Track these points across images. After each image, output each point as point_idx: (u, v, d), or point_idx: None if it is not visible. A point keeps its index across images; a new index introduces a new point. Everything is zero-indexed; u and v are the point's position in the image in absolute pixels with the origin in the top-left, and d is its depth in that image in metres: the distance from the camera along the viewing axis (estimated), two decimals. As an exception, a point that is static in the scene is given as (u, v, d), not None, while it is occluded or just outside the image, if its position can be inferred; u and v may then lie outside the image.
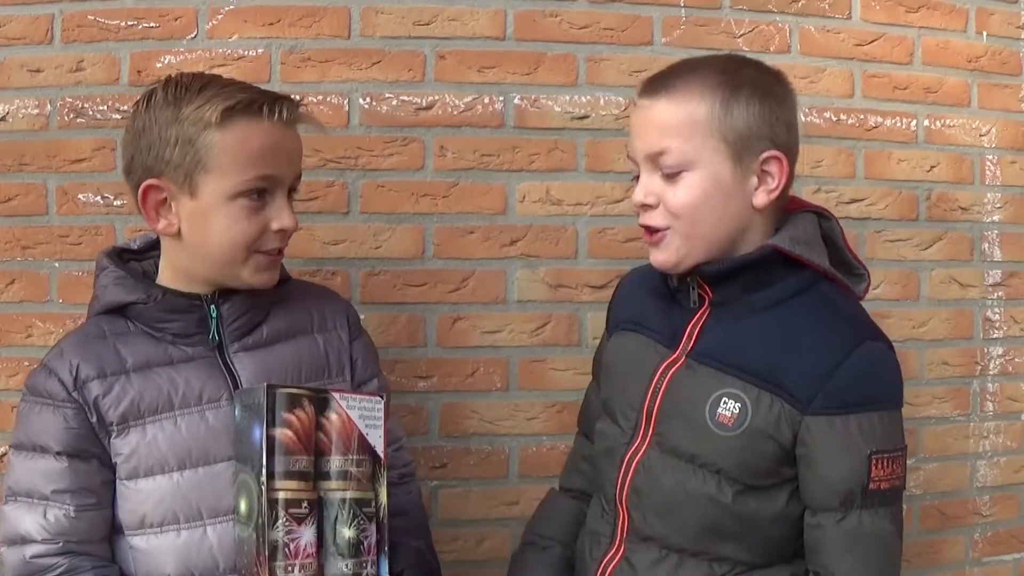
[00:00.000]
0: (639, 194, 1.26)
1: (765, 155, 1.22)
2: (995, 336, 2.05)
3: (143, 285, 1.30)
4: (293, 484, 1.16)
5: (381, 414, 1.25)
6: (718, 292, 1.27)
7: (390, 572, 1.23)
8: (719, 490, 1.22)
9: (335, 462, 1.21)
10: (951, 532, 2.04)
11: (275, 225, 1.27)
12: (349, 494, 1.20)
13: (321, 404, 1.21)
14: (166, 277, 1.33)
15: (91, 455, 1.25)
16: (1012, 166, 2.05)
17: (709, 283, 1.27)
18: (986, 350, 2.04)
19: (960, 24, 2.01)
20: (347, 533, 1.19)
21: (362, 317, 1.79)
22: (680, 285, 1.31)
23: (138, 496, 1.25)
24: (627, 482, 1.29)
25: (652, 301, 1.37)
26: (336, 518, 1.19)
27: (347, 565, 1.19)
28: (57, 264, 1.78)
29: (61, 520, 1.23)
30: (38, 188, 1.77)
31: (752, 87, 1.23)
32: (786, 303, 1.25)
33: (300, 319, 1.41)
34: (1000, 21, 2.03)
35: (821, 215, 1.33)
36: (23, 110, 1.77)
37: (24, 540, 1.23)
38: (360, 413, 1.24)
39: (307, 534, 1.16)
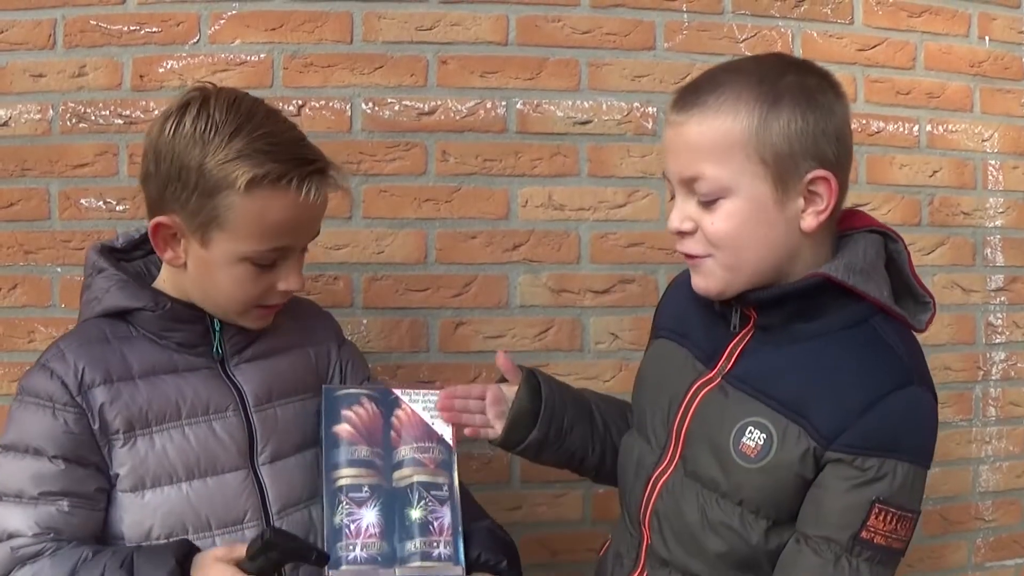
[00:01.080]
0: (675, 220, 1.16)
1: (811, 175, 1.10)
2: (997, 341, 2.04)
3: (150, 292, 1.28)
4: (353, 471, 1.25)
5: None
6: (763, 316, 1.18)
7: (466, 555, 1.26)
8: (743, 524, 1.15)
9: (403, 452, 1.28)
10: (953, 537, 2.04)
11: (281, 286, 1.26)
12: (416, 478, 1.26)
13: (388, 404, 1.31)
14: (168, 287, 1.30)
15: (88, 462, 1.20)
16: (1014, 171, 2.04)
17: (755, 306, 1.18)
18: (988, 355, 2.04)
19: (962, 29, 2.01)
20: (414, 514, 1.24)
21: (364, 322, 1.81)
22: (724, 304, 1.22)
23: (144, 509, 1.22)
24: (651, 503, 1.24)
25: (696, 311, 1.28)
26: (405, 502, 1.25)
27: (415, 544, 1.22)
28: (59, 269, 1.78)
29: (53, 515, 1.17)
30: (40, 193, 1.77)
31: (793, 98, 1.10)
32: (834, 335, 1.14)
33: (293, 334, 1.40)
34: (1002, 26, 2.03)
35: (887, 235, 1.21)
36: (25, 115, 1.77)
37: (11, 536, 1.17)
38: (424, 406, 1.32)
39: (368, 516, 1.22)
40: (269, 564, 1.10)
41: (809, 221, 1.12)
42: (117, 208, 1.77)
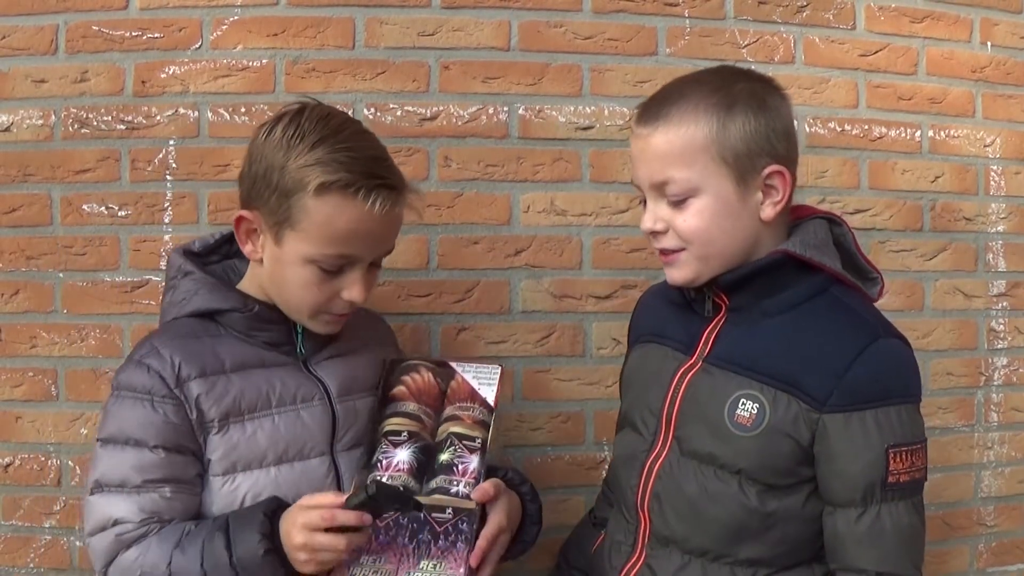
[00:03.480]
0: (648, 222, 1.28)
1: (767, 171, 1.24)
2: (999, 346, 2.04)
3: (238, 294, 1.36)
4: (396, 420, 1.36)
5: (495, 377, 1.41)
6: (734, 299, 1.30)
7: (493, 473, 1.35)
8: (741, 490, 1.24)
9: (447, 411, 1.38)
10: (956, 542, 2.04)
11: (345, 295, 1.32)
12: (451, 428, 1.35)
13: (445, 376, 1.41)
14: (253, 288, 1.38)
15: (187, 450, 1.28)
16: (1017, 176, 2.04)
17: (725, 291, 1.30)
18: (990, 360, 2.04)
19: (965, 34, 2.01)
20: (443, 456, 1.32)
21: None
22: (696, 295, 1.34)
23: (234, 493, 1.29)
24: (648, 488, 1.32)
25: (670, 312, 1.40)
26: (438, 449, 1.34)
27: (437, 481, 1.30)
28: (61, 274, 1.78)
29: (156, 501, 1.25)
30: (42, 198, 1.77)
31: (746, 103, 1.23)
32: (800, 307, 1.27)
33: (362, 334, 1.48)
34: (1005, 31, 2.03)
35: (832, 221, 1.35)
36: (27, 120, 1.77)
37: (116, 523, 1.24)
38: (474, 375, 1.41)
39: (400, 454, 1.31)
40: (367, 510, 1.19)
41: (768, 211, 1.25)
42: (119, 214, 1.77)
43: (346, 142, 1.27)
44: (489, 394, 1.39)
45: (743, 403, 1.24)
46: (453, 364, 1.42)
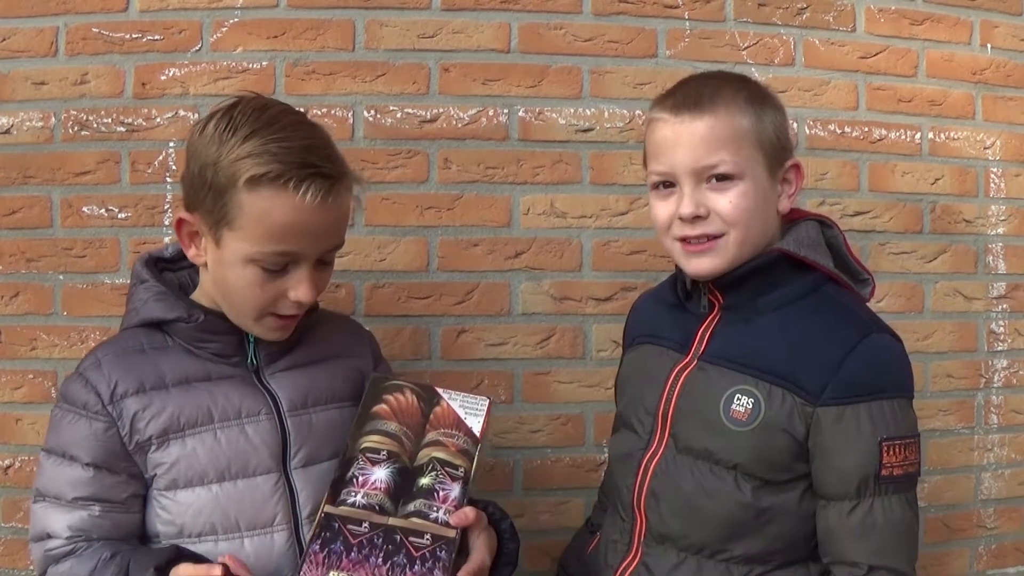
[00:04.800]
0: (689, 206, 1.27)
1: (789, 163, 1.31)
2: (999, 349, 2.04)
3: (184, 304, 1.30)
4: (376, 438, 1.29)
5: (483, 408, 1.35)
6: (728, 297, 1.32)
7: (475, 504, 1.30)
8: (736, 486, 1.26)
9: (430, 435, 1.32)
10: (955, 544, 2.04)
11: (292, 296, 1.25)
12: (434, 453, 1.29)
13: (429, 399, 1.35)
14: (204, 297, 1.32)
15: (119, 469, 1.25)
16: (1016, 178, 2.04)
17: (720, 289, 1.32)
18: (990, 362, 2.04)
19: (965, 37, 2.01)
20: (423, 480, 1.27)
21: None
22: (692, 292, 1.37)
23: (177, 508, 1.26)
24: (645, 486, 1.33)
25: (664, 313, 1.43)
26: (418, 473, 1.28)
27: (416, 504, 1.24)
28: (61, 277, 1.78)
29: (84, 519, 1.24)
30: (42, 201, 1.77)
31: (771, 99, 1.32)
32: (793, 304, 1.29)
33: (329, 346, 1.41)
34: (1005, 34, 2.03)
35: (823, 223, 1.38)
36: (28, 123, 1.77)
37: (49, 536, 1.25)
38: (461, 404, 1.36)
39: (378, 473, 1.26)
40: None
41: (784, 203, 1.32)
42: (119, 216, 1.77)
43: (279, 132, 1.20)
44: (475, 424, 1.34)
45: (738, 398, 1.26)
46: (439, 390, 1.36)
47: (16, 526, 1.78)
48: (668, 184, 1.30)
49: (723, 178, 1.26)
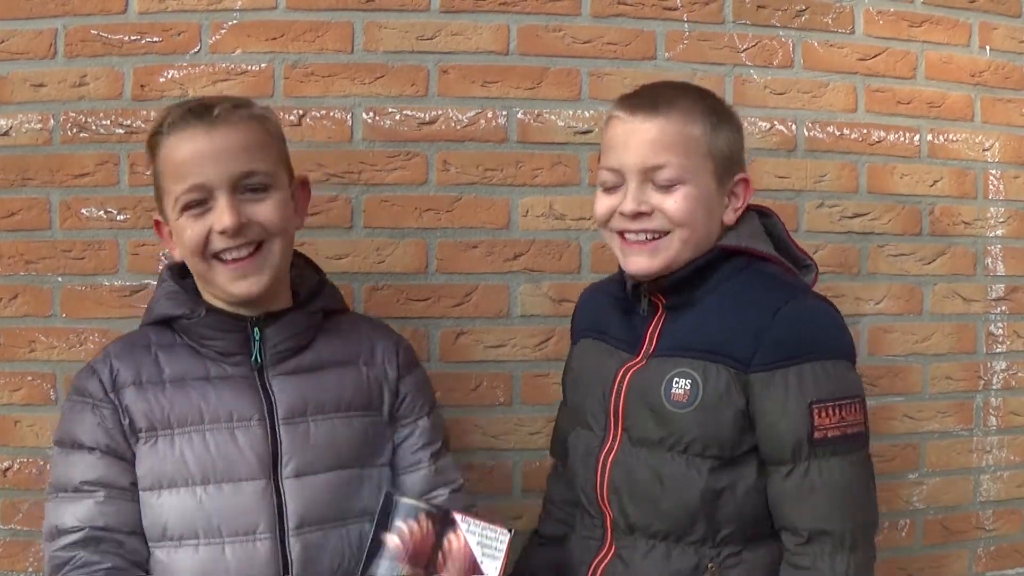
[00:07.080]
0: (632, 203, 1.31)
1: (738, 177, 1.35)
2: (998, 350, 2.04)
3: (191, 301, 1.34)
4: None
5: (503, 546, 1.26)
6: (670, 299, 1.36)
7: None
8: (691, 469, 1.28)
9: None
10: (954, 546, 2.04)
11: (217, 227, 1.27)
12: None
13: (444, 522, 1.26)
14: (209, 295, 1.36)
15: (122, 455, 1.28)
16: (1015, 181, 2.04)
17: (661, 292, 1.36)
18: (989, 364, 2.04)
19: (963, 39, 2.01)
20: None
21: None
22: (633, 293, 1.40)
23: (160, 508, 1.27)
24: (606, 481, 1.35)
25: (611, 311, 1.46)
26: None
27: None
28: (60, 279, 1.77)
29: (90, 507, 1.25)
30: (41, 203, 1.77)
31: (729, 115, 1.36)
32: (727, 282, 1.33)
33: (348, 350, 1.40)
34: (1003, 36, 2.03)
35: (761, 212, 1.42)
36: (26, 125, 1.77)
37: (59, 532, 1.25)
38: (479, 540, 1.26)
39: None
40: None
41: (729, 215, 1.35)
42: (118, 218, 1.77)
43: (184, 104, 1.32)
44: (492, 569, 1.24)
45: (676, 381, 1.29)
46: (458, 516, 1.27)
47: (15, 528, 1.78)
48: (615, 183, 1.34)
49: (667, 181, 1.29)
